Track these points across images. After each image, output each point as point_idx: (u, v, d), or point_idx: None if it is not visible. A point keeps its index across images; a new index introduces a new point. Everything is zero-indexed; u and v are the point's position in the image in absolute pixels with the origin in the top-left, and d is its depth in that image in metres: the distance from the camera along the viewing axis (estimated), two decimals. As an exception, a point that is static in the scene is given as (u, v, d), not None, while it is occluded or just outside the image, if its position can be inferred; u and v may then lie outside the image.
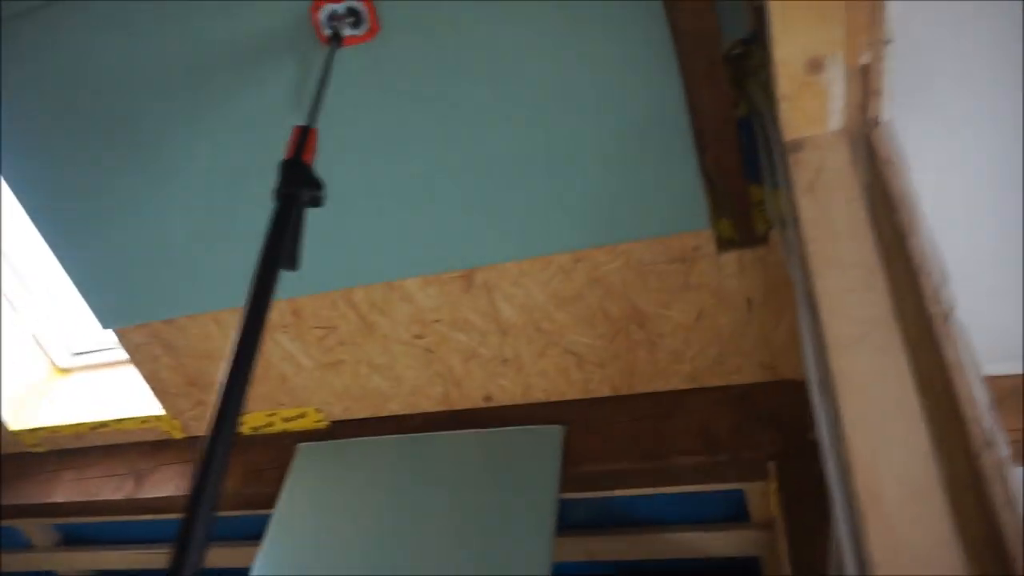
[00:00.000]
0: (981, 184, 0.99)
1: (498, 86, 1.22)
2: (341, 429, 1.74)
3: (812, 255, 0.81)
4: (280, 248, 0.92)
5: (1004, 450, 0.64)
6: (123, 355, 1.86)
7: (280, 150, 1.23)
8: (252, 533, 1.86)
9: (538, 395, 1.59)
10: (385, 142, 1.34)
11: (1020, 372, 1.17)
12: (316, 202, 0.97)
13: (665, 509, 1.68)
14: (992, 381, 0.73)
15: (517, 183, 1.33)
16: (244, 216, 1.48)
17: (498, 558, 1.35)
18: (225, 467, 0.76)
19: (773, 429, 1.40)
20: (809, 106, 0.88)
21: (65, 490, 1.94)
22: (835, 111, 0.89)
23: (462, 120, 1.28)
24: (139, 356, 1.78)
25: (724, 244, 1.34)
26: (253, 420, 1.80)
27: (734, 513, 1.64)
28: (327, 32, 1.21)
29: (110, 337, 1.86)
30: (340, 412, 1.75)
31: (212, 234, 1.54)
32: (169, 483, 1.82)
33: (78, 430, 1.97)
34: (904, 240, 0.78)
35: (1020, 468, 0.96)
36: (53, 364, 2.17)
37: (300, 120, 1.13)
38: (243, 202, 1.47)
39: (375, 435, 1.67)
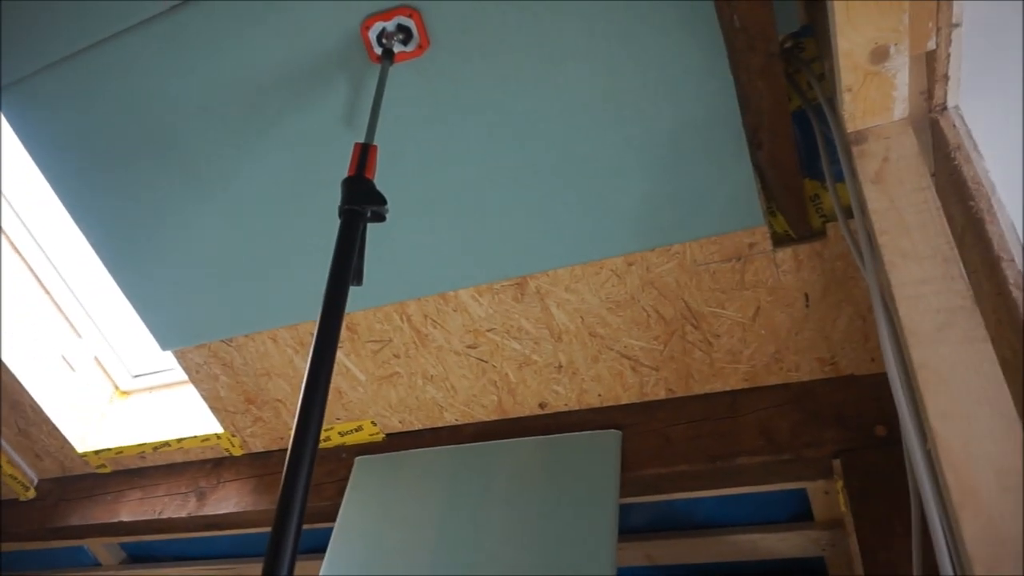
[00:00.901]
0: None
1: (547, 92, 1.23)
2: (397, 441, 1.76)
3: (883, 247, 0.80)
4: (349, 264, 0.94)
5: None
6: (182, 375, 1.91)
7: (332, 169, 1.26)
8: (314, 547, 1.89)
9: (593, 400, 1.59)
10: (436, 154, 1.35)
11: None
12: (379, 217, 0.99)
13: (726, 511, 1.66)
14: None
15: (568, 189, 1.33)
16: (298, 235, 1.51)
17: (561, 566, 1.34)
18: (309, 483, 0.77)
19: (836, 426, 1.38)
20: (873, 96, 0.87)
21: (131, 509, 1.98)
22: (900, 99, 0.88)
23: (512, 128, 1.29)
24: (198, 376, 1.82)
25: (780, 240, 1.33)
26: (311, 435, 1.82)
27: (797, 513, 1.61)
28: (378, 50, 1.23)
29: (169, 359, 1.90)
30: (396, 424, 1.77)
31: (266, 254, 1.57)
32: (230, 500, 1.85)
33: (142, 450, 2.02)
34: (981, 226, 0.77)
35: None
36: (116, 386, 2.23)
37: (351, 138, 1.15)
38: (296, 222, 1.50)
39: (431, 446, 1.69)
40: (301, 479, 0.76)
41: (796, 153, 1.17)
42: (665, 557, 1.71)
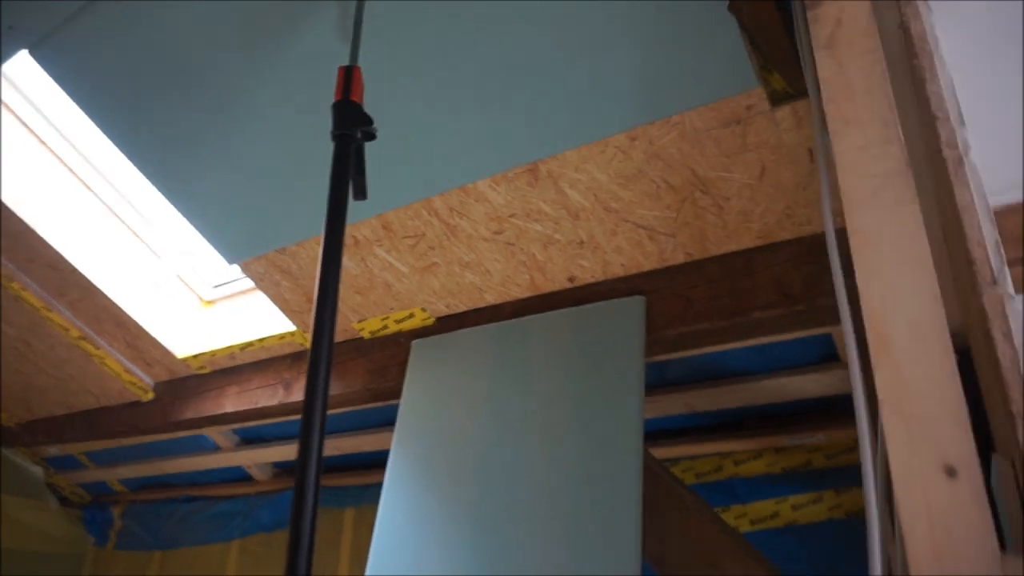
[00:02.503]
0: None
1: (525, -18, 1.24)
2: (447, 323, 1.92)
3: (830, 115, 0.83)
4: (345, 183, 1.04)
5: (1008, 287, 0.67)
6: (249, 281, 2.10)
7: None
8: (385, 421, 2.13)
9: (617, 270, 1.67)
10: (432, 56, 1.40)
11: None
12: (369, 136, 1.07)
13: (758, 359, 1.76)
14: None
15: (563, 73, 1.36)
16: (324, 147, 1.61)
17: (595, 418, 1.49)
18: (330, 366, 0.92)
19: (849, 273, 1.42)
20: (822, -43, 0.86)
21: (232, 401, 2.27)
22: (851, -43, 0.86)
23: (501, 20, 1.32)
24: (263, 283, 2.01)
25: (777, 99, 1.32)
26: (370, 325, 2.01)
27: (825, 355, 1.69)
28: (357, -38, 1.26)
29: (236, 270, 2.10)
30: (443, 308, 1.92)
31: (303, 166, 1.69)
32: (312, 387, 2.08)
33: (231, 351, 2.28)
34: (921, 86, 0.79)
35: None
36: (200, 297, 2.48)
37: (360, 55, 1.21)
38: (320, 134, 1.58)
39: (476, 325, 1.84)
40: (321, 375, 0.91)
41: (779, 10, 1.16)
42: (703, 404, 1.84)
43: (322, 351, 0.91)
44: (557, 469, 1.50)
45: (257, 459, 2.69)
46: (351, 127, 1.03)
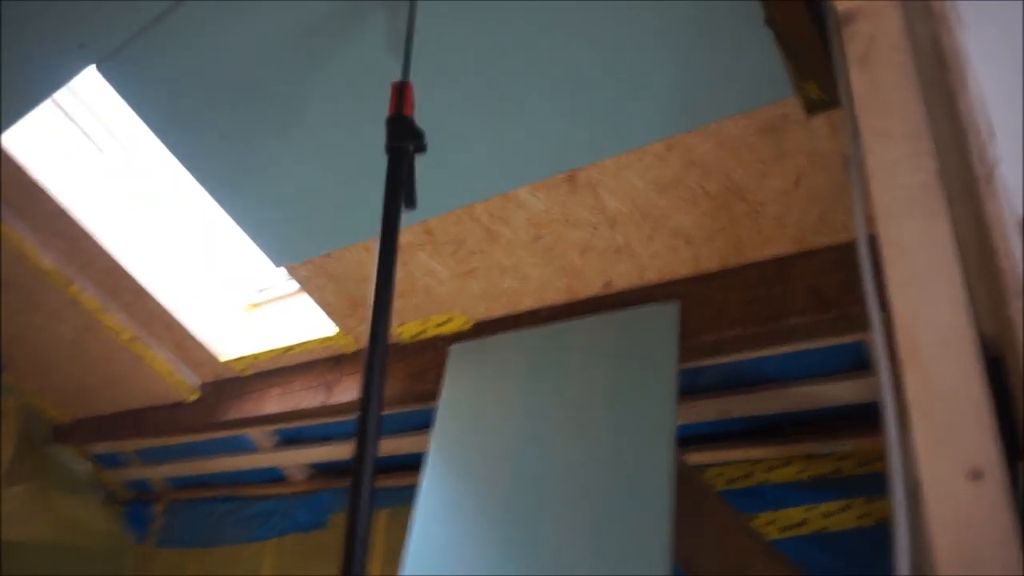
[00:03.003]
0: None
1: (566, -2, 1.29)
2: (484, 328, 1.97)
3: (863, 128, 0.86)
4: (399, 193, 1.09)
5: (1037, 297, 0.69)
6: (297, 286, 2.18)
7: (386, 92, 1.38)
8: (423, 423, 2.18)
9: (653, 276, 1.71)
10: (474, 65, 1.45)
11: None
12: (421, 149, 1.13)
13: (791, 365, 1.77)
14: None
15: (602, 82, 1.40)
16: (371, 157, 1.67)
17: (627, 423, 1.53)
18: (384, 369, 0.98)
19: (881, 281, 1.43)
20: (856, -25, 0.89)
21: (274, 403, 2.34)
22: (885, -25, 0.89)
23: (542, 30, 1.37)
24: (309, 286, 2.08)
25: (812, 107, 1.35)
26: (409, 329, 2.07)
27: (857, 363, 1.70)
28: (406, -20, 1.32)
29: (283, 273, 2.18)
30: (482, 313, 1.97)
31: (349, 174, 1.76)
32: (353, 389, 2.15)
33: (275, 354, 2.35)
34: (953, 99, 0.81)
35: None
36: (245, 302, 2.57)
37: (400, 65, 1.27)
38: (367, 145, 1.65)
39: (513, 330, 1.88)
40: (376, 378, 0.96)
41: (812, 23, 1.18)
42: (735, 411, 1.86)
43: (377, 353, 0.96)
44: (590, 472, 1.54)
45: (295, 460, 2.77)
46: (404, 141, 1.09)
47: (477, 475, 1.71)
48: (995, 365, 0.84)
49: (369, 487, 0.92)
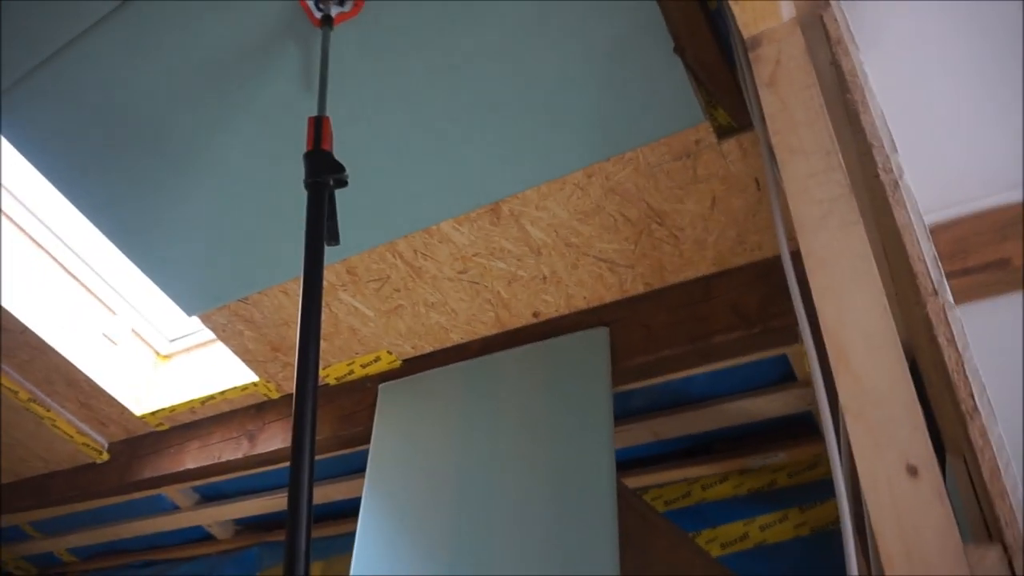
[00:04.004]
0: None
1: (481, 29, 1.30)
2: (413, 365, 1.93)
3: (776, 146, 0.89)
4: (321, 231, 1.06)
5: (948, 296, 0.73)
6: (212, 334, 2.08)
7: (301, 129, 1.35)
8: (356, 468, 2.11)
9: (580, 303, 1.72)
10: (393, 102, 1.44)
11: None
12: (341, 183, 1.10)
13: (720, 383, 1.81)
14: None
15: (522, 114, 1.42)
16: (286, 196, 1.63)
17: (567, 451, 1.52)
18: (315, 416, 0.93)
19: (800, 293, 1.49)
20: (759, 4, 0.94)
21: (193, 457, 2.22)
22: (784, 2, 0.94)
23: (457, 66, 1.37)
24: (225, 334, 1.99)
25: (723, 132, 1.40)
26: (336, 371, 2.00)
27: (783, 376, 1.76)
28: (318, 15, 1.30)
29: (196, 322, 2.07)
30: (409, 350, 1.93)
31: (263, 215, 1.70)
32: (278, 437, 2.06)
33: (191, 406, 2.23)
34: (856, 117, 0.86)
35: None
36: (156, 352, 2.43)
37: (314, 100, 1.25)
38: (282, 184, 1.61)
39: (443, 365, 1.85)
40: (308, 414, 0.91)
41: (720, 50, 1.24)
42: (668, 431, 1.88)
43: (307, 398, 0.92)
44: (532, 502, 1.52)
45: (219, 517, 2.61)
46: (324, 175, 1.06)
47: (416, 515, 1.66)
48: (911, 367, 0.88)
49: (306, 536, 0.87)
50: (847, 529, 0.71)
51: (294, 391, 0.94)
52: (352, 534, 1.72)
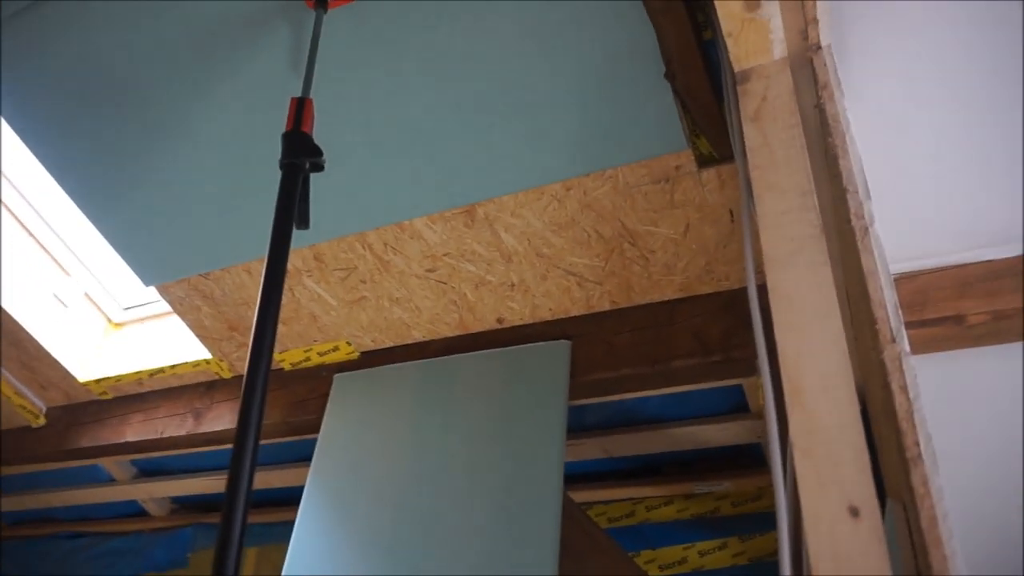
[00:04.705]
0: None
1: (479, 30, 1.30)
2: (371, 358, 1.91)
3: (755, 180, 0.90)
4: (291, 213, 1.04)
5: (905, 344, 0.75)
6: (168, 307, 2.04)
7: (282, 108, 1.34)
8: (302, 456, 2.08)
9: (545, 314, 1.72)
10: (379, 92, 1.43)
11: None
12: (317, 167, 1.09)
13: (674, 407, 1.83)
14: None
15: (507, 120, 1.41)
16: (260, 174, 1.60)
17: (516, 459, 1.52)
18: (264, 397, 0.91)
19: (762, 328, 1.51)
20: (753, 39, 0.95)
21: (135, 430, 2.16)
22: (777, 41, 0.96)
23: (448, 65, 1.37)
24: (182, 308, 1.95)
25: (704, 161, 1.42)
26: (291, 356, 1.98)
27: (736, 405, 1.78)
28: (311, -3, 1.29)
29: (153, 292, 2.03)
30: (369, 343, 1.91)
31: (234, 191, 1.67)
32: (224, 418, 2.02)
33: (139, 377, 2.18)
34: (835, 161, 0.87)
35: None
36: (108, 319, 2.37)
37: (300, 81, 1.23)
38: (257, 161, 1.58)
39: (402, 361, 1.84)
40: (257, 394, 0.90)
41: (709, 81, 1.25)
42: (619, 450, 1.89)
43: (258, 380, 0.90)
44: (477, 506, 1.51)
45: (155, 493, 2.55)
46: (300, 157, 1.04)
47: (358, 511, 1.64)
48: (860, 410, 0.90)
49: (242, 521, 0.85)
50: (784, 561, 0.72)
51: (245, 370, 0.92)
52: (290, 523, 1.69)
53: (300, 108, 1.09)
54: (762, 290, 0.89)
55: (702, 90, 1.26)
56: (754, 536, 1.75)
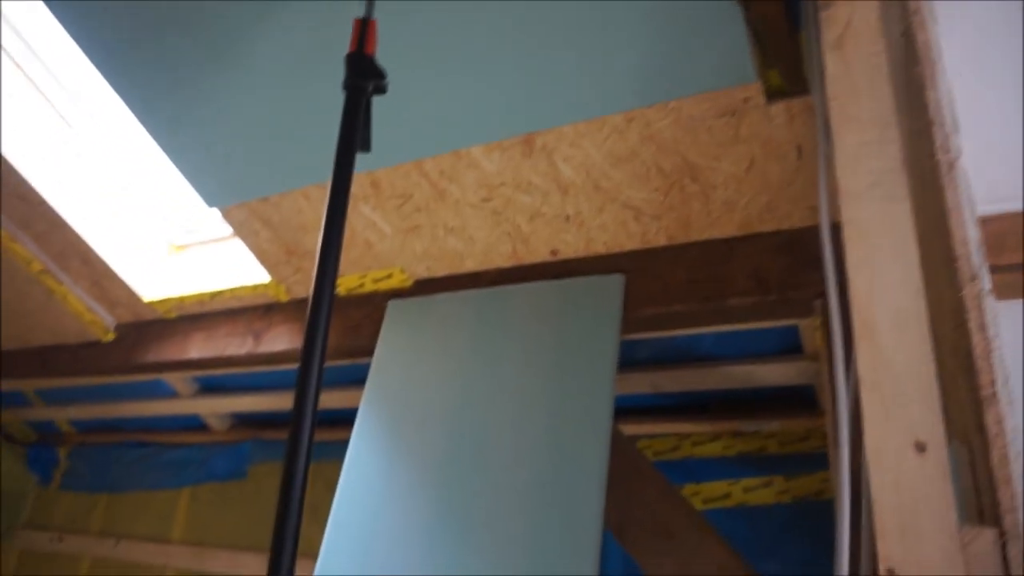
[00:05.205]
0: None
1: (542, -47, 1.26)
2: (425, 287, 1.94)
3: (833, 112, 0.87)
4: (354, 135, 1.05)
5: (986, 283, 0.72)
6: (229, 229, 2.09)
7: (345, 31, 1.33)
8: (356, 378, 2.14)
9: (599, 248, 1.71)
10: (441, 16, 1.40)
11: None
12: (380, 90, 1.08)
13: (726, 345, 1.82)
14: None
15: (569, 46, 1.38)
16: (320, 99, 1.60)
17: (566, 391, 1.54)
18: (329, 321, 0.94)
19: (821, 269, 1.48)
20: (839, -41, 0.90)
21: (198, 348, 2.25)
22: (866, -38, 0.90)
23: (511, -12, 1.33)
24: (242, 231, 2.00)
25: (773, 94, 1.37)
26: (347, 282, 2.02)
27: (790, 346, 1.76)
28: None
29: (215, 215, 2.08)
30: (423, 271, 1.93)
31: (295, 115, 1.67)
32: (282, 339, 2.09)
33: (200, 298, 2.26)
34: (921, 92, 0.83)
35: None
36: (172, 242, 2.44)
37: (361, 2, 1.21)
38: (317, 86, 1.58)
39: (455, 291, 1.86)
40: (322, 321, 0.92)
41: (786, 10, 1.19)
42: (668, 386, 1.90)
43: (322, 304, 0.92)
44: (526, 438, 1.54)
45: (216, 409, 2.68)
46: (364, 79, 1.04)
47: (410, 435, 1.69)
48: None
49: (308, 439, 0.89)
50: (843, 494, 0.72)
51: (310, 296, 0.95)
52: (345, 442, 1.76)
53: (364, 29, 1.08)
54: (833, 229, 0.87)
55: (776, 17, 1.20)
56: (800, 475, 1.76)
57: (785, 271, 1.52)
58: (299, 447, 0.87)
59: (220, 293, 2.21)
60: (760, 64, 1.32)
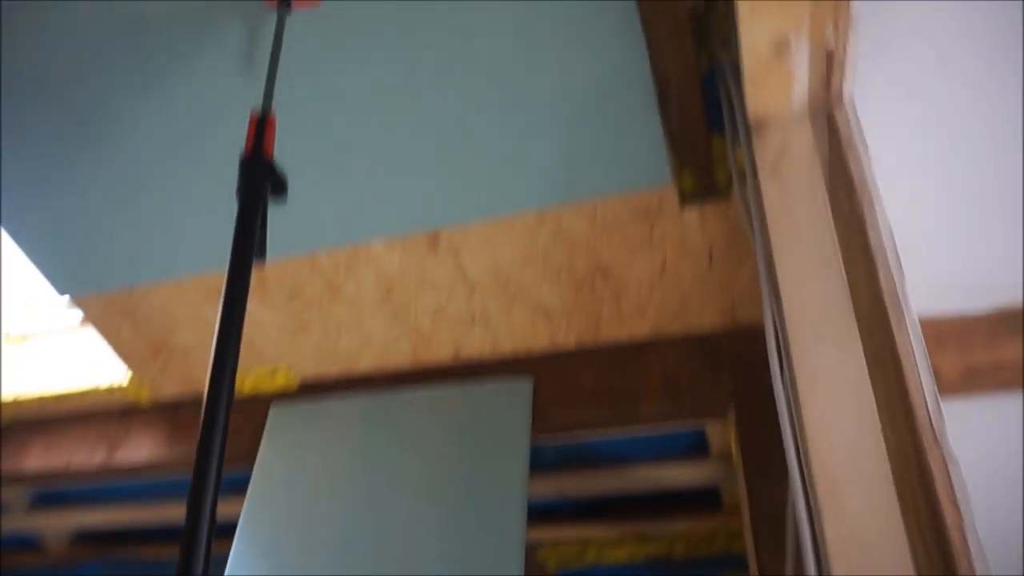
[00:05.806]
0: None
1: (456, 45, 1.20)
2: (313, 389, 1.76)
3: (775, 244, 0.83)
4: (251, 246, 0.91)
5: (949, 446, 0.69)
6: (80, 319, 1.83)
7: (233, 117, 1.19)
8: (234, 489, 1.91)
9: (506, 349, 1.62)
10: (344, 103, 1.30)
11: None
12: (279, 195, 0.96)
13: (631, 447, 1.76)
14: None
15: (479, 143, 1.31)
16: (198, 183, 1.45)
17: (474, 508, 1.41)
18: (227, 428, 0.77)
19: (732, 372, 1.46)
20: (774, 86, 0.89)
21: (37, 459, 1.93)
22: (799, 90, 0.89)
23: (422, 80, 1.25)
24: (101, 323, 1.75)
25: (687, 198, 1.35)
26: (223, 382, 1.80)
27: (695, 447, 1.73)
28: (273, -4, 1.15)
29: (63, 303, 1.82)
30: (311, 372, 1.76)
31: (165, 201, 1.50)
32: (142, 448, 1.83)
33: (41, 400, 1.95)
34: (862, 228, 0.81)
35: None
36: (9, 331, 2.12)
37: (252, 84, 1.09)
38: (196, 171, 1.43)
39: (346, 393, 1.70)
40: (218, 433, 0.76)
41: (704, 116, 1.19)
42: (575, 490, 1.81)
43: (219, 417, 0.76)
44: (432, 556, 1.40)
45: (56, 525, 2.30)
46: (261, 185, 0.91)
47: (296, 550, 1.50)
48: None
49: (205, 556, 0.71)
50: None
51: (203, 406, 0.78)
52: (224, 556, 1.54)
53: (261, 128, 0.95)
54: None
55: (697, 123, 1.19)
56: (711, 582, 1.70)
57: (696, 374, 1.49)
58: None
59: (67, 395, 1.92)
60: (675, 167, 1.30)
